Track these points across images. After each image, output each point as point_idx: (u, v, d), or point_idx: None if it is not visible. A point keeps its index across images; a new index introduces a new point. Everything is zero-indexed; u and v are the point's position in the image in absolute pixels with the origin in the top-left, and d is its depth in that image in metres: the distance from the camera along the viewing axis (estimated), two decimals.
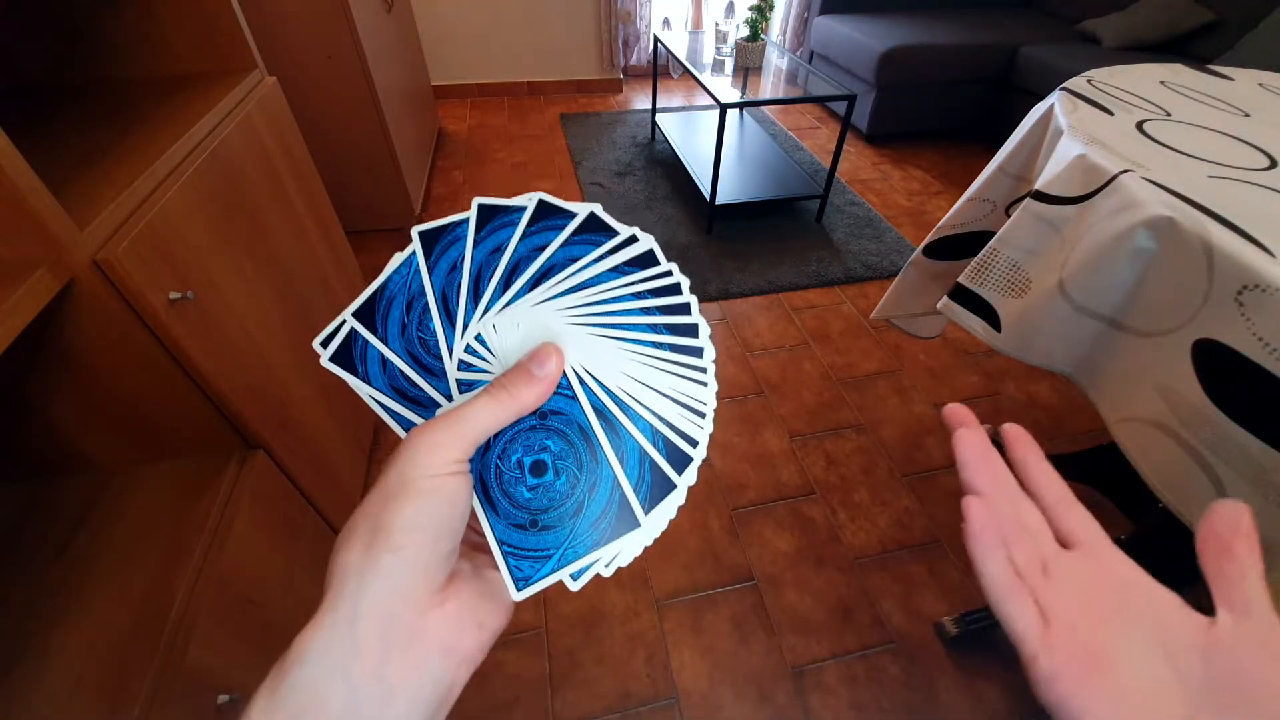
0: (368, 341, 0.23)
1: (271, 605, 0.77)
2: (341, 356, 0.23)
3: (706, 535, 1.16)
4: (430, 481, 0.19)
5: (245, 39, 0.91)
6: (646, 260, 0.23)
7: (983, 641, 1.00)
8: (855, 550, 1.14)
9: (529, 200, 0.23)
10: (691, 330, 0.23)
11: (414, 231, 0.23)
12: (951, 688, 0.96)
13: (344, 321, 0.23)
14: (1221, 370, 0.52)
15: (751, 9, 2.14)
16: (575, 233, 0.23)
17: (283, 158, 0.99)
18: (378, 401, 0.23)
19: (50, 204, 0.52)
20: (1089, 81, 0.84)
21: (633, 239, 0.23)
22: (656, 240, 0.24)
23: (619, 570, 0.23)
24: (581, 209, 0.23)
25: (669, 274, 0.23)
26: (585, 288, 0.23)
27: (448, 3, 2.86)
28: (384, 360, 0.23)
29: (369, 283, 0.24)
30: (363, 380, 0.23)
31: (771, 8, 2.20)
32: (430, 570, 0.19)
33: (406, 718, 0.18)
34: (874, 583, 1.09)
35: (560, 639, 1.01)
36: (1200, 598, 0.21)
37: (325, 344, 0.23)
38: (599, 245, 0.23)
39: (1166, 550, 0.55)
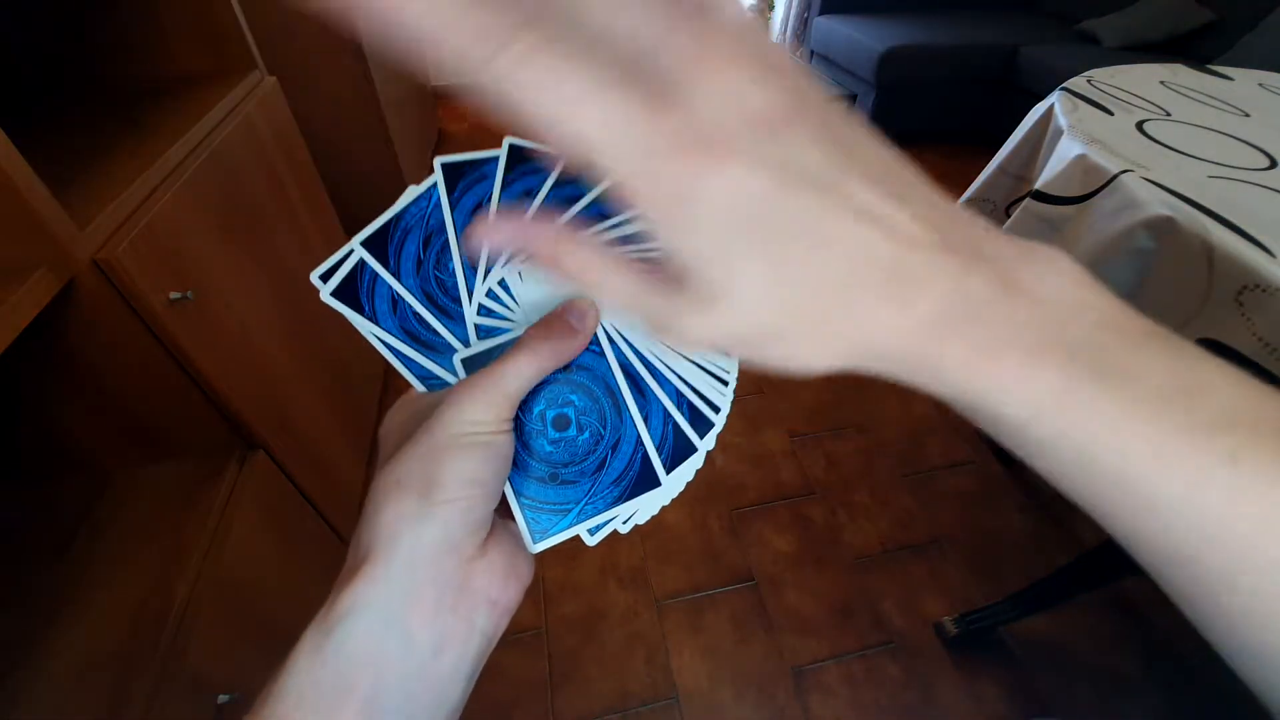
0: (377, 275, 0.22)
1: (272, 605, 0.77)
2: (346, 292, 0.21)
3: (706, 535, 1.16)
4: (482, 438, 0.19)
5: (245, 39, 0.91)
6: None
7: (983, 641, 1.00)
8: (855, 550, 1.14)
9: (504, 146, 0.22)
10: None
11: (436, 162, 0.22)
12: (951, 688, 0.96)
13: (350, 251, 0.21)
14: None
15: (751, 9, 2.14)
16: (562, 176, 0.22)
17: (283, 158, 0.99)
18: (385, 343, 0.22)
19: (50, 204, 0.52)
20: (1089, 81, 0.84)
21: None
22: None
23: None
24: None
25: None
26: (618, 245, 0.22)
27: None
28: (395, 298, 0.22)
29: None
30: (369, 319, 0.22)
31: (771, 8, 2.20)
32: (479, 524, 0.19)
33: (456, 669, 0.18)
34: (874, 583, 1.09)
35: (560, 639, 1.01)
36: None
37: (326, 278, 0.21)
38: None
39: None
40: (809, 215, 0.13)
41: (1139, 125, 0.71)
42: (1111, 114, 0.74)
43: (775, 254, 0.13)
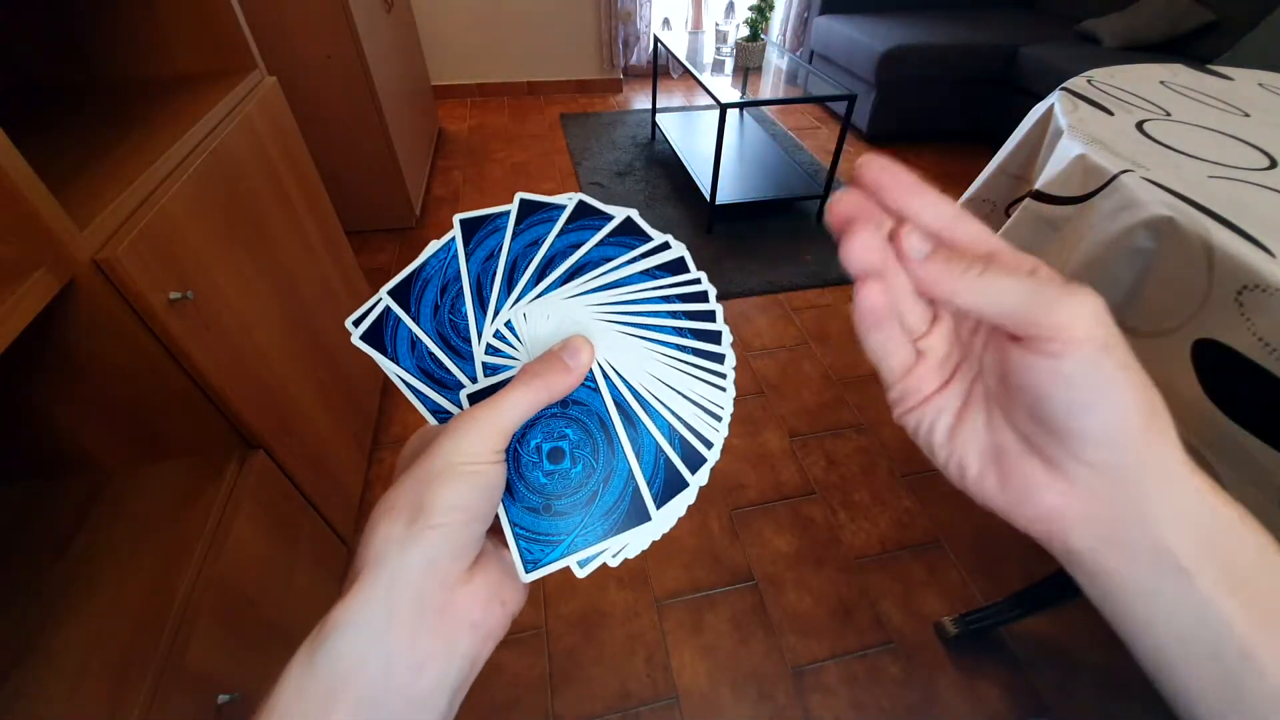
0: (400, 320, 0.24)
1: (271, 605, 0.77)
2: (372, 335, 0.24)
3: (706, 535, 1.16)
4: (474, 467, 0.20)
5: (245, 39, 0.91)
6: (677, 267, 0.24)
7: (983, 641, 1.00)
8: (855, 550, 1.14)
9: (569, 200, 0.24)
10: (715, 336, 0.24)
11: (456, 219, 0.24)
12: (951, 688, 0.96)
13: (379, 300, 0.24)
14: (1221, 370, 0.52)
15: (751, 9, 2.14)
16: (610, 234, 0.24)
17: (283, 158, 0.99)
18: (404, 381, 0.24)
19: (50, 204, 0.52)
20: (1089, 81, 0.84)
21: (665, 245, 0.24)
22: None
23: (621, 568, 0.23)
24: (619, 213, 0.24)
25: (697, 282, 0.24)
26: (616, 287, 0.24)
27: (448, 3, 2.86)
28: (413, 340, 0.24)
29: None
30: (391, 360, 0.24)
31: (771, 8, 2.20)
32: (464, 549, 0.20)
33: (436, 689, 0.19)
34: (874, 583, 1.09)
35: (560, 639, 1.01)
36: None
37: (357, 323, 0.24)
38: (632, 249, 0.24)
39: None
40: None
41: (1139, 125, 0.71)
42: (1111, 114, 0.74)
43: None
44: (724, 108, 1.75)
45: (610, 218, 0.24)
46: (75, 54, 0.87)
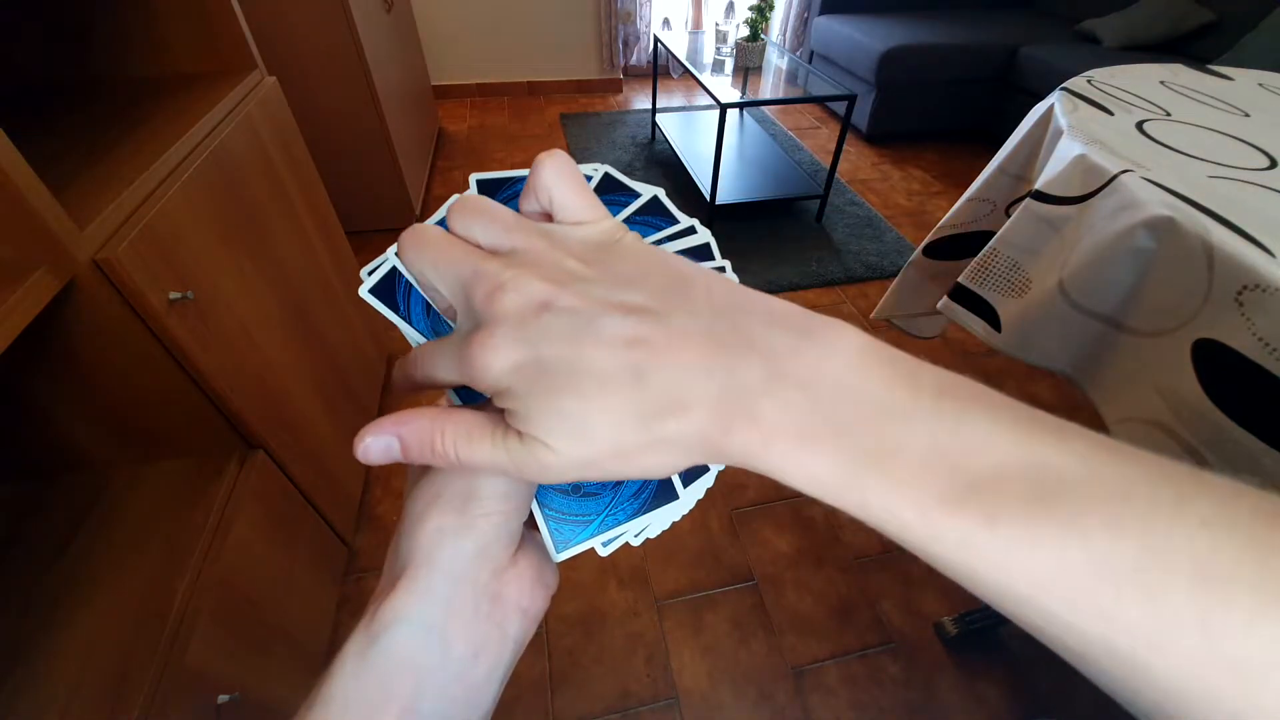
0: (412, 283, 0.22)
1: (271, 605, 0.77)
2: (383, 291, 0.22)
3: (706, 535, 1.16)
4: None
5: (245, 39, 0.91)
6: (702, 253, 0.23)
7: (983, 641, 1.00)
8: (855, 550, 1.14)
9: (595, 170, 0.23)
10: None
11: (472, 178, 0.23)
12: (951, 688, 0.96)
13: (385, 260, 0.22)
14: (1221, 370, 0.52)
15: (751, 9, 2.14)
16: (637, 212, 0.23)
17: (283, 158, 0.99)
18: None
19: (50, 204, 0.52)
20: (1089, 81, 0.84)
21: (691, 229, 0.23)
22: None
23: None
24: (646, 190, 0.23)
25: (722, 270, 0.23)
26: None
27: (448, 3, 2.86)
28: (428, 303, 0.22)
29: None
30: (404, 320, 0.23)
31: (771, 8, 2.20)
32: (513, 535, 0.20)
33: (490, 675, 0.19)
34: (874, 583, 1.09)
35: (560, 639, 1.01)
36: None
37: (371, 275, 0.22)
38: (659, 229, 0.23)
39: None
40: (574, 363, 0.16)
41: (1139, 125, 0.71)
42: (1111, 114, 0.74)
43: (566, 400, 0.16)
44: (724, 108, 1.75)
45: (638, 194, 0.23)
46: (75, 54, 0.87)
